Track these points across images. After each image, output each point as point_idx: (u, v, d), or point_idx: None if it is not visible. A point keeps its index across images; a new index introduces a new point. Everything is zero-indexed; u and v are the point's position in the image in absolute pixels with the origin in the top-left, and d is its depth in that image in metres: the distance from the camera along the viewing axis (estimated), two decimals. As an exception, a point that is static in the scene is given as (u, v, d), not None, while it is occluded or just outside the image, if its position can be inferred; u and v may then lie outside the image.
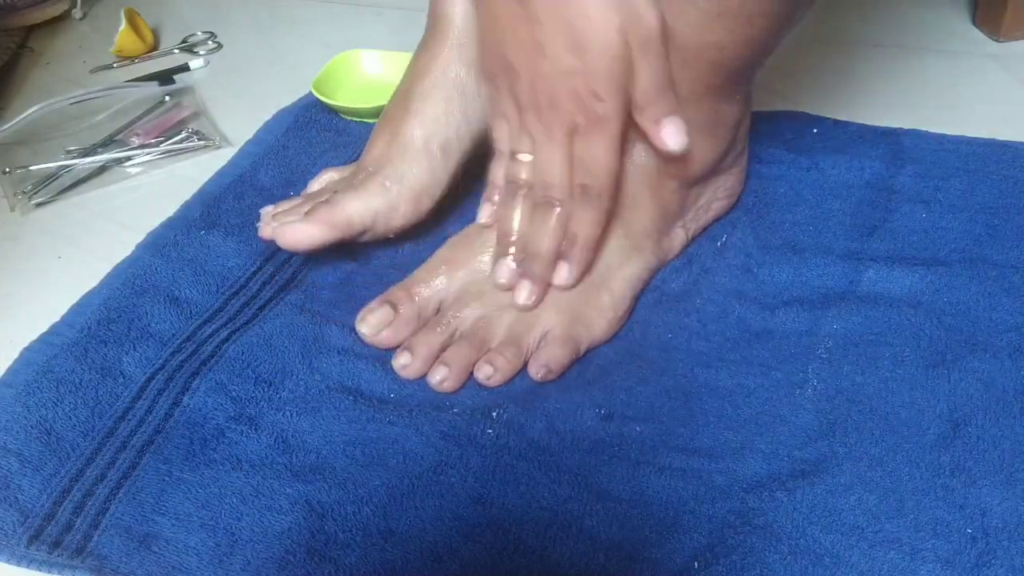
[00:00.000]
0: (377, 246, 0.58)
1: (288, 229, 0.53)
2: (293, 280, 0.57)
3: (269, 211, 0.59)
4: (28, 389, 0.49)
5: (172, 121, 0.73)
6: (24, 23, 0.89)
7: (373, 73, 0.75)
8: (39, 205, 0.66)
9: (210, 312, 0.54)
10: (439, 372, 0.49)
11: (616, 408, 0.47)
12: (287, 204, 0.58)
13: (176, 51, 0.86)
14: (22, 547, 0.42)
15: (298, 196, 0.61)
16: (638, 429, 0.46)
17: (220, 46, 0.87)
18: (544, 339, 0.50)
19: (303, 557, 0.41)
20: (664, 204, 0.53)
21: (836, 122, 0.67)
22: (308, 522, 0.43)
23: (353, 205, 0.54)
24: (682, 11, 0.45)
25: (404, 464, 0.45)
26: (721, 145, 0.52)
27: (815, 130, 0.66)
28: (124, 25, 0.83)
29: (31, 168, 0.68)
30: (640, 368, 0.50)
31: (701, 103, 0.49)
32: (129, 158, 0.69)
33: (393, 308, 0.52)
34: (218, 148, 0.71)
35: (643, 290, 0.54)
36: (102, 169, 0.69)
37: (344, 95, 0.73)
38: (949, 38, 0.78)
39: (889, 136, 0.65)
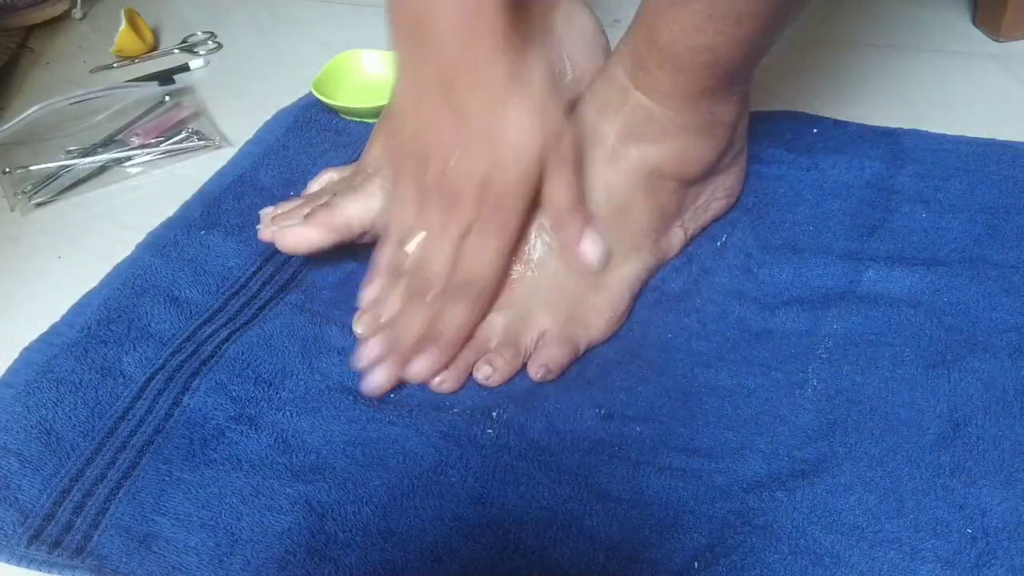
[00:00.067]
0: (375, 243, 0.58)
1: (288, 233, 0.53)
2: (293, 280, 0.57)
3: (268, 212, 0.59)
4: (28, 389, 0.49)
5: (172, 121, 0.73)
6: (24, 23, 0.89)
7: (373, 73, 0.75)
8: (39, 205, 0.66)
9: (210, 312, 0.54)
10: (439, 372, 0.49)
11: (616, 408, 0.47)
12: (287, 206, 0.58)
13: (176, 51, 0.86)
14: (22, 547, 0.42)
15: (298, 197, 0.61)
16: (638, 429, 0.46)
17: (220, 46, 0.86)
18: (542, 339, 0.50)
19: (303, 557, 0.41)
20: (662, 204, 0.53)
21: (836, 122, 0.67)
22: (308, 522, 0.43)
23: (352, 207, 0.54)
24: (673, 16, 0.45)
25: (404, 464, 0.45)
26: (719, 145, 0.52)
27: (815, 130, 0.66)
28: (124, 25, 0.83)
29: (31, 168, 0.68)
30: (640, 368, 0.50)
31: (698, 105, 0.49)
32: (129, 158, 0.69)
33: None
34: (218, 148, 0.71)
35: (642, 290, 0.54)
36: (102, 169, 0.69)
37: (344, 95, 0.73)
38: (949, 38, 0.78)
39: (889, 136, 0.65)
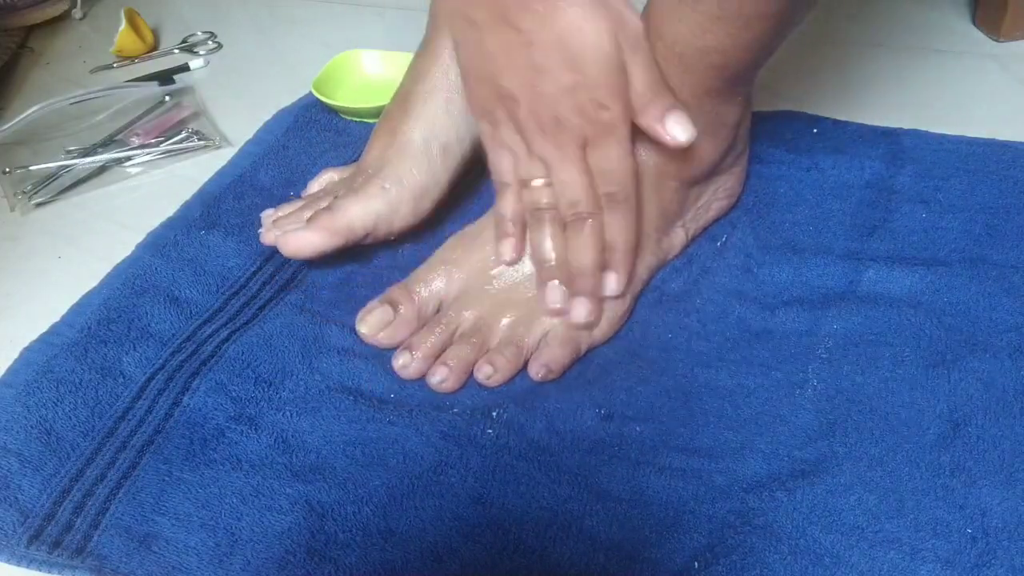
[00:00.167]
0: (377, 246, 0.58)
1: (291, 237, 0.53)
2: (293, 280, 0.57)
3: (269, 215, 0.59)
4: (28, 389, 0.49)
5: (172, 121, 0.73)
6: (24, 23, 0.89)
7: (373, 73, 0.75)
8: (39, 205, 0.66)
9: (210, 312, 0.54)
10: (439, 372, 0.49)
11: (616, 408, 0.47)
12: (287, 208, 0.58)
13: (176, 51, 0.86)
14: (22, 547, 0.42)
15: (298, 198, 0.61)
16: (638, 429, 0.46)
17: (220, 46, 0.86)
18: (544, 339, 0.50)
19: (303, 557, 0.41)
20: (663, 204, 0.53)
21: (836, 122, 0.67)
22: (308, 522, 0.43)
23: (353, 210, 0.54)
24: (682, 16, 0.45)
25: (404, 464, 0.45)
26: (721, 145, 0.52)
27: (815, 130, 0.66)
28: (124, 25, 0.83)
29: (31, 168, 0.68)
30: (640, 368, 0.50)
31: (702, 105, 0.49)
32: (129, 158, 0.69)
33: (393, 308, 0.52)
34: (218, 148, 0.71)
35: (643, 290, 0.54)
36: (102, 169, 0.69)
37: (344, 95, 0.73)
38: (949, 38, 0.78)
39: (889, 136, 0.65)
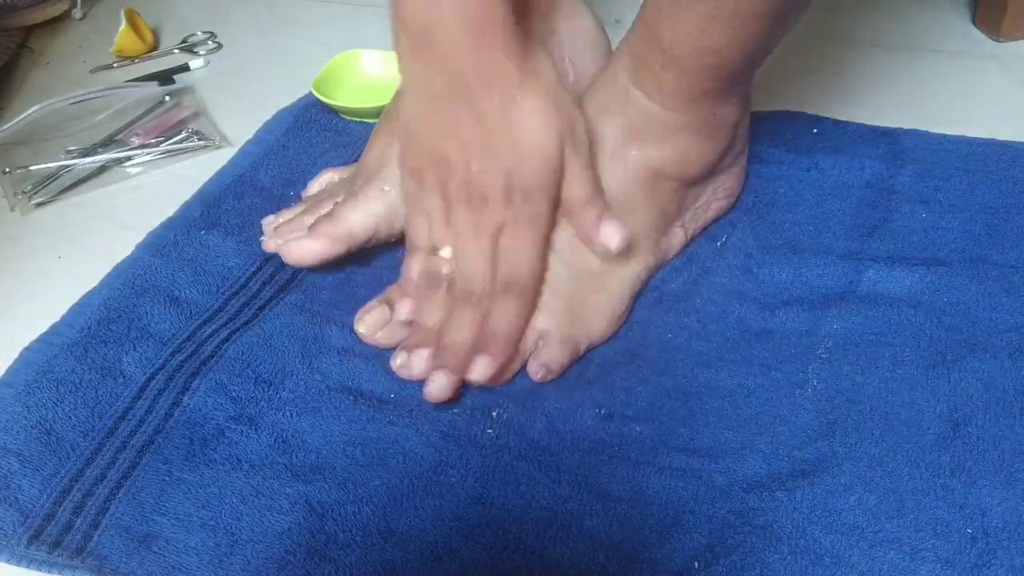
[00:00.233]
0: (377, 246, 0.58)
1: (293, 246, 0.54)
2: (293, 280, 0.56)
3: (270, 221, 0.59)
4: (28, 389, 0.49)
5: (172, 121, 0.73)
6: (24, 23, 0.89)
7: (373, 73, 0.75)
8: (39, 205, 0.66)
9: (210, 312, 0.54)
10: (438, 372, 0.49)
11: (616, 408, 0.47)
12: (288, 213, 0.58)
13: (176, 51, 0.86)
14: (22, 547, 0.42)
15: (298, 201, 0.61)
16: (638, 429, 0.46)
17: (220, 46, 0.86)
18: (543, 340, 0.50)
19: (303, 557, 0.41)
20: (662, 204, 0.53)
21: (836, 122, 0.67)
22: (308, 522, 0.43)
23: (355, 216, 0.54)
24: (678, 17, 0.45)
25: (404, 464, 0.45)
26: (720, 146, 0.52)
27: (815, 130, 0.66)
28: (124, 25, 0.83)
29: (31, 168, 0.68)
30: (640, 368, 0.50)
31: (700, 106, 0.49)
32: (129, 158, 0.69)
33: (391, 308, 0.52)
34: (218, 148, 0.71)
35: (642, 290, 0.54)
36: (102, 169, 0.69)
37: (344, 95, 0.73)
38: (949, 38, 0.78)
39: (889, 136, 0.65)
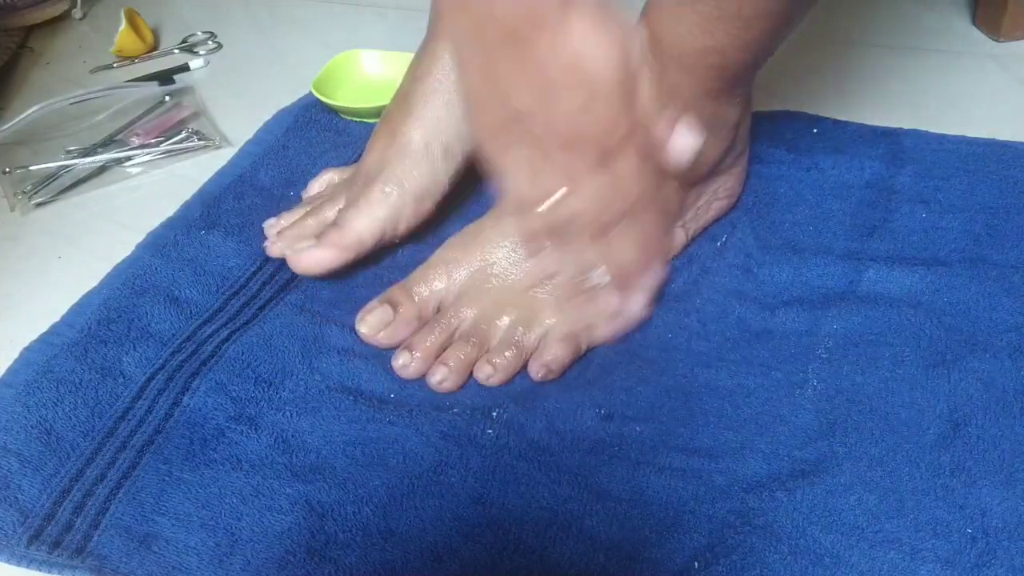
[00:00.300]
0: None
1: (304, 256, 0.54)
2: (293, 280, 0.56)
3: (273, 225, 0.59)
4: (28, 389, 0.49)
5: (172, 121, 0.73)
6: (24, 23, 0.89)
7: (373, 73, 0.75)
8: (39, 205, 0.66)
9: (210, 312, 0.54)
10: (439, 372, 0.49)
11: (616, 408, 0.47)
12: (289, 216, 0.58)
13: (176, 51, 0.86)
14: (22, 547, 0.42)
15: (298, 201, 0.61)
16: (638, 429, 0.46)
17: (220, 46, 0.86)
18: (544, 339, 0.50)
19: (303, 557, 0.41)
20: (663, 204, 0.53)
21: (836, 122, 0.67)
22: (308, 522, 0.43)
23: (361, 223, 0.54)
24: (681, 17, 0.45)
25: (404, 464, 0.45)
26: (721, 146, 0.52)
27: (815, 130, 0.66)
28: (124, 25, 0.83)
29: (31, 168, 0.68)
30: (640, 368, 0.50)
31: (702, 106, 0.49)
32: (129, 158, 0.69)
33: (392, 308, 0.52)
34: (218, 148, 0.71)
35: (643, 290, 0.54)
36: (102, 169, 0.69)
37: (344, 95, 0.73)
38: (949, 38, 0.78)
39: (889, 136, 0.65)
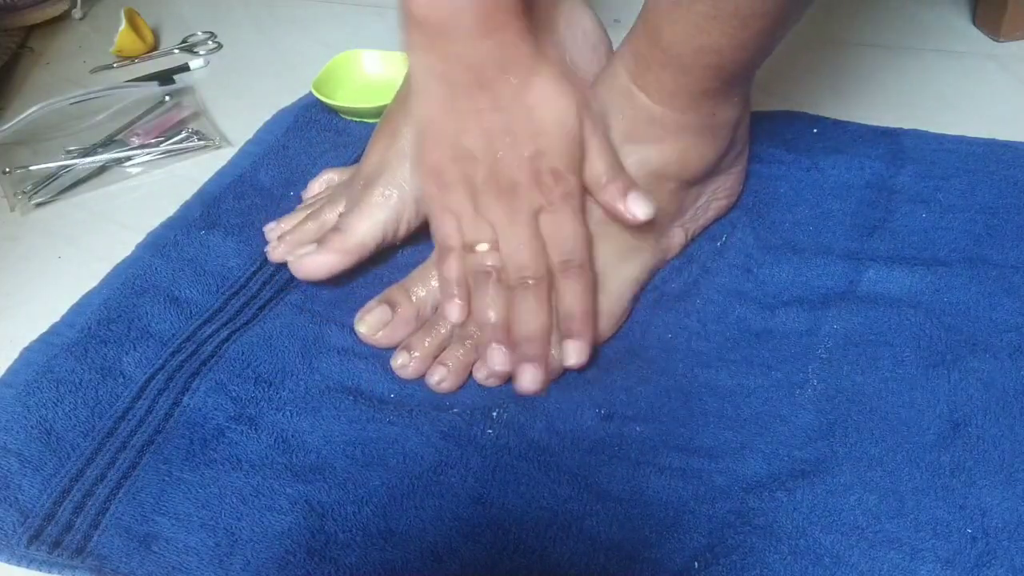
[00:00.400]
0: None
1: (307, 261, 0.54)
2: (293, 280, 0.56)
3: (273, 229, 0.59)
4: (28, 389, 0.49)
5: (172, 121, 0.73)
6: (24, 23, 0.89)
7: (373, 73, 0.75)
8: (39, 205, 0.66)
9: (210, 312, 0.54)
10: (437, 372, 0.49)
11: (616, 408, 0.47)
12: (289, 220, 0.58)
13: (176, 51, 0.86)
14: (22, 547, 0.42)
15: (299, 202, 0.61)
16: (638, 429, 0.46)
17: (220, 46, 0.86)
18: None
19: (303, 557, 0.41)
20: (662, 204, 0.53)
21: (836, 122, 0.67)
22: (308, 522, 0.43)
23: (363, 227, 0.54)
24: (678, 16, 0.45)
25: (404, 464, 0.45)
26: (721, 145, 0.52)
27: (815, 130, 0.66)
28: (124, 25, 0.83)
29: (31, 168, 0.68)
30: (640, 368, 0.50)
31: (700, 105, 0.49)
32: (129, 158, 0.69)
33: (391, 308, 0.52)
34: (218, 148, 0.71)
35: (642, 290, 0.54)
36: (102, 169, 0.69)
37: (344, 95, 0.73)
38: (949, 38, 0.78)
39: (889, 136, 0.65)
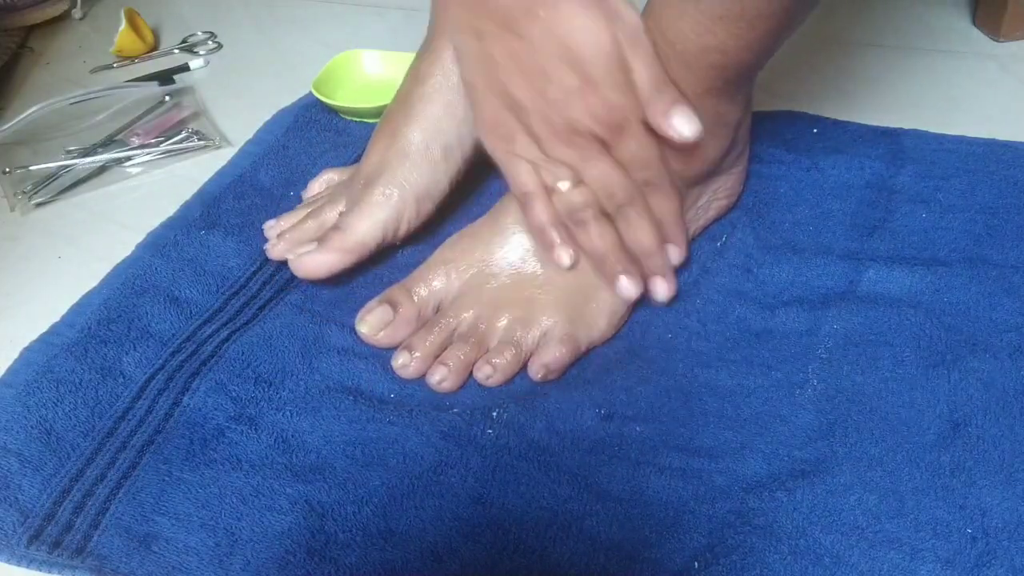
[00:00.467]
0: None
1: (307, 260, 0.54)
2: (293, 280, 0.56)
3: (273, 227, 0.59)
4: (28, 389, 0.49)
5: (172, 121, 0.73)
6: (24, 23, 0.89)
7: (373, 73, 0.75)
8: (39, 205, 0.66)
9: (210, 312, 0.54)
10: (438, 372, 0.49)
11: (616, 408, 0.47)
12: (289, 218, 0.58)
13: (176, 51, 0.86)
14: (22, 547, 0.42)
15: (299, 201, 0.61)
16: (638, 429, 0.46)
17: (220, 46, 0.86)
18: (544, 339, 0.50)
19: (303, 557, 0.41)
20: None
21: (836, 122, 0.67)
22: (308, 522, 0.43)
23: (363, 226, 0.54)
24: (684, 14, 0.45)
25: (404, 464, 0.45)
26: (722, 145, 0.52)
27: (815, 130, 0.66)
28: (124, 25, 0.83)
29: (31, 168, 0.68)
30: (640, 368, 0.50)
31: (703, 104, 0.49)
32: (129, 158, 0.69)
33: (392, 308, 0.52)
34: (218, 148, 0.71)
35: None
36: (102, 169, 0.69)
37: (344, 95, 0.73)
38: (949, 38, 0.78)
39: (889, 136, 0.65)
